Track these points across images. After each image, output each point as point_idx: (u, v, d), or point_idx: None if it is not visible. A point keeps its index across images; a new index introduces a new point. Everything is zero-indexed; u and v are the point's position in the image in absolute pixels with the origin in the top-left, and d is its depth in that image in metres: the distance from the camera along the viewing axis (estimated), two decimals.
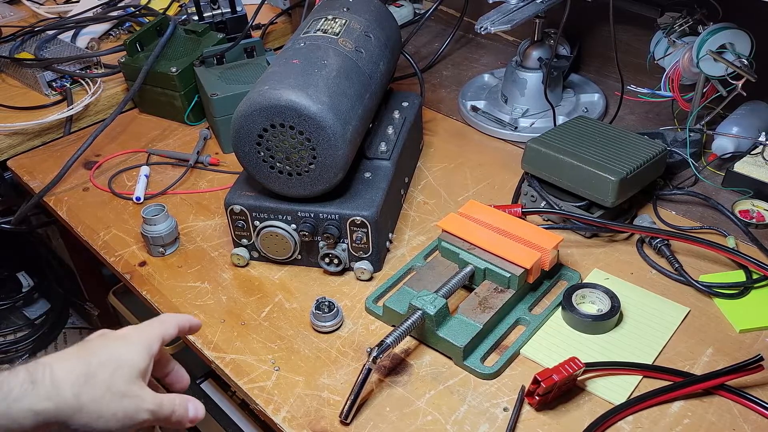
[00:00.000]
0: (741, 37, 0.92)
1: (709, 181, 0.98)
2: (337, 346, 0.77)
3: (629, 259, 0.87)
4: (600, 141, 0.92)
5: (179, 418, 0.54)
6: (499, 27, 0.98)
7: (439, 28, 1.47)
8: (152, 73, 1.15)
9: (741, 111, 1.02)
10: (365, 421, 0.69)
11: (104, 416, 0.49)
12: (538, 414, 0.69)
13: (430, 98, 1.23)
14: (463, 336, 0.73)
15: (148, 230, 0.89)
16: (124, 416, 0.50)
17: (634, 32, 1.16)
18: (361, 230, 0.82)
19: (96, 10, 1.44)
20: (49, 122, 1.15)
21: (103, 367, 0.50)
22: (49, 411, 0.47)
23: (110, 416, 0.50)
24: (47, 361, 0.49)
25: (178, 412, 0.54)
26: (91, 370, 0.50)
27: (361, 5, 0.97)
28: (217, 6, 1.30)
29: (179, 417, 0.54)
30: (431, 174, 1.05)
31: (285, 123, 0.77)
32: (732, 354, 0.74)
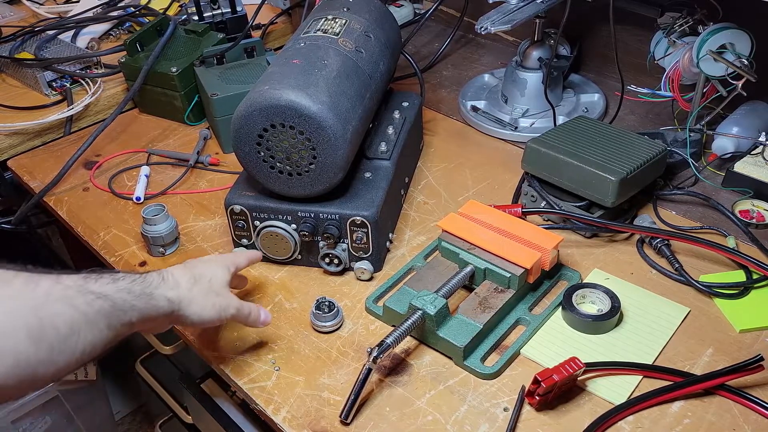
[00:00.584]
0: (741, 37, 0.92)
1: (709, 181, 0.98)
2: (337, 346, 0.77)
3: (629, 259, 0.87)
4: (600, 141, 0.92)
5: (254, 317, 0.73)
6: (499, 27, 0.98)
7: (439, 28, 1.47)
8: (152, 73, 1.15)
9: (741, 111, 1.02)
10: (365, 421, 0.69)
11: (206, 307, 0.67)
12: (539, 414, 0.69)
13: (430, 98, 1.23)
14: (464, 336, 0.73)
15: (148, 230, 0.89)
16: (219, 308, 0.68)
17: (634, 32, 1.16)
18: (361, 230, 0.82)
19: (96, 10, 1.44)
20: (49, 122, 1.15)
21: (203, 276, 0.69)
22: (174, 299, 0.65)
23: (210, 307, 0.67)
24: (167, 269, 0.67)
25: (254, 313, 0.73)
26: (196, 276, 0.68)
27: (361, 5, 0.97)
28: (217, 6, 1.30)
29: (254, 317, 0.73)
30: (431, 174, 1.05)
31: (285, 123, 0.77)
32: (732, 354, 0.74)
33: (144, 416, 1.66)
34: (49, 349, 0.51)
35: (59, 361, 0.52)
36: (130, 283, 0.61)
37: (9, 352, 0.48)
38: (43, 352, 0.50)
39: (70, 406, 1.26)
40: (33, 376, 0.50)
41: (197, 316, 0.67)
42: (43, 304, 0.52)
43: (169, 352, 1.04)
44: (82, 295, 0.55)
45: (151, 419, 1.60)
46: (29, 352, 0.49)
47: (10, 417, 1.17)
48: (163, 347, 1.04)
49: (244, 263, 0.78)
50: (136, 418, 1.66)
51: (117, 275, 0.61)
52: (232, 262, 0.75)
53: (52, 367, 0.51)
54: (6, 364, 0.48)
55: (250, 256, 0.79)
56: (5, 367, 0.48)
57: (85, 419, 1.31)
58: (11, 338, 0.48)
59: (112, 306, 0.57)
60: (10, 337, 0.48)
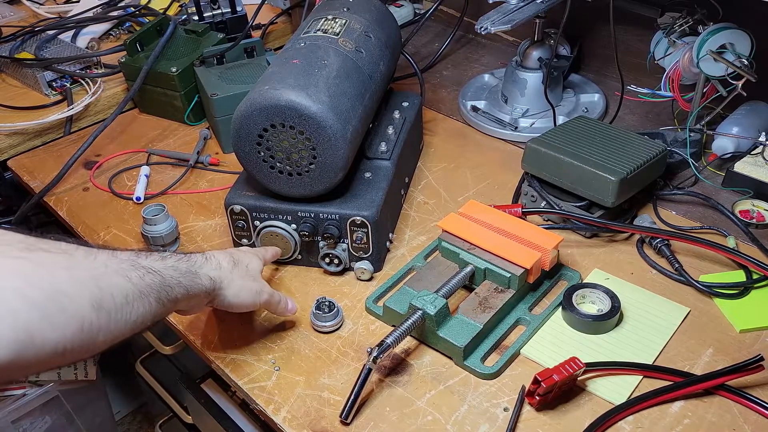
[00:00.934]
0: (741, 37, 0.92)
1: (709, 181, 0.98)
2: (337, 346, 0.77)
3: (629, 259, 0.87)
4: (600, 141, 0.92)
5: (284, 306, 0.77)
6: (499, 27, 0.98)
7: (439, 28, 1.47)
8: (152, 73, 1.15)
9: (741, 111, 1.02)
10: (365, 421, 0.69)
11: (243, 288, 0.72)
12: (539, 414, 0.69)
13: (430, 98, 1.23)
14: (464, 336, 0.73)
15: (148, 230, 0.89)
16: (254, 292, 0.73)
17: (634, 32, 1.16)
18: (361, 230, 0.82)
19: (96, 10, 1.44)
20: (49, 122, 1.15)
21: (241, 261, 0.73)
22: (216, 278, 0.69)
23: (247, 289, 0.72)
24: (210, 252, 0.71)
25: (283, 302, 0.77)
26: (235, 260, 0.73)
27: (361, 5, 0.97)
28: (217, 6, 1.30)
29: (284, 305, 0.77)
30: (431, 174, 1.05)
31: (285, 123, 0.77)
32: (732, 354, 0.74)
33: (144, 416, 1.66)
34: (107, 316, 0.54)
35: (115, 329, 0.56)
36: (177, 261, 0.65)
37: (76, 317, 0.52)
38: (103, 319, 0.54)
39: (70, 406, 1.26)
40: (93, 341, 0.54)
41: (235, 297, 0.71)
42: (102, 274, 0.56)
43: (169, 352, 1.04)
44: (136, 270, 0.59)
45: (151, 419, 1.61)
46: (92, 318, 0.53)
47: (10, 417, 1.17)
48: (163, 347, 1.04)
49: (269, 258, 0.83)
50: (136, 418, 1.66)
51: (164, 254, 0.65)
52: (263, 254, 0.80)
53: (109, 335, 0.55)
54: (73, 327, 0.51)
55: (273, 252, 0.84)
56: (72, 331, 0.51)
57: (85, 419, 1.31)
58: (78, 305, 0.52)
59: (162, 281, 0.61)
60: (77, 303, 0.52)
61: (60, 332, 0.50)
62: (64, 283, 0.52)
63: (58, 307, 0.50)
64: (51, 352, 0.50)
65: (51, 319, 0.49)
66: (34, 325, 0.48)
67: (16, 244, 0.52)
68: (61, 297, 0.51)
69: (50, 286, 0.50)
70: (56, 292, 0.51)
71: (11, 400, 1.16)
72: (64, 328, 0.50)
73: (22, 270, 0.50)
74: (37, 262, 0.52)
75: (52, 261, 0.53)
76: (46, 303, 0.50)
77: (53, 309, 0.50)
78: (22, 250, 0.52)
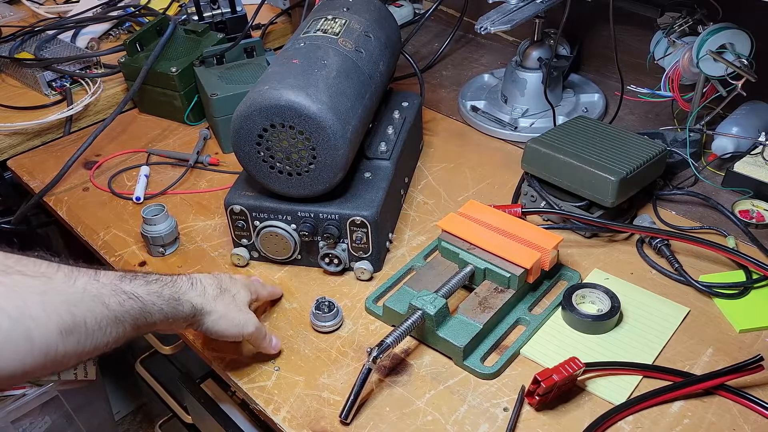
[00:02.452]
0: (741, 37, 0.92)
1: (709, 181, 0.98)
2: (337, 346, 0.77)
3: (629, 259, 0.87)
4: (600, 141, 0.92)
5: (268, 342, 0.75)
6: (499, 27, 0.98)
7: (439, 28, 1.47)
8: (152, 73, 1.15)
9: (741, 111, 1.02)
10: (365, 421, 0.69)
11: (225, 318, 0.69)
12: (538, 414, 0.69)
13: (430, 98, 1.23)
14: (463, 336, 0.73)
15: (148, 230, 0.89)
16: (238, 323, 0.70)
17: (634, 32, 1.16)
18: (361, 230, 0.82)
19: (96, 10, 1.44)
20: (49, 122, 1.15)
21: (228, 291, 0.71)
22: (197, 306, 0.67)
23: (229, 319, 0.69)
24: (196, 276, 0.69)
25: (268, 338, 0.75)
26: (222, 288, 0.70)
27: (361, 5, 0.97)
28: (217, 6, 1.30)
29: (268, 342, 0.75)
30: (431, 174, 1.05)
31: (285, 123, 0.77)
32: (732, 354, 0.74)
33: (144, 416, 1.66)
34: (76, 342, 0.54)
35: (83, 352, 0.55)
36: (161, 287, 0.64)
37: (41, 344, 0.51)
38: (71, 345, 0.54)
39: (70, 406, 1.26)
40: (58, 365, 0.54)
41: (214, 325, 0.69)
42: (79, 300, 0.55)
43: (169, 352, 1.04)
44: (116, 295, 0.58)
45: (151, 419, 1.60)
46: (58, 344, 0.52)
47: (10, 417, 1.17)
48: (163, 347, 1.04)
49: (264, 296, 0.80)
50: (136, 418, 1.66)
51: (150, 278, 0.64)
52: (255, 290, 0.77)
53: (74, 358, 0.55)
54: (36, 354, 0.51)
55: (272, 291, 0.82)
56: (34, 357, 0.51)
57: (85, 419, 1.31)
58: (45, 331, 0.51)
59: (142, 307, 0.61)
60: (45, 330, 0.51)
61: (21, 359, 0.50)
62: (34, 308, 0.51)
63: (24, 335, 0.50)
64: (7, 376, 0.49)
65: (14, 347, 0.49)
66: None
67: None
68: (29, 323, 0.50)
69: (19, 313, 0.50)
70: (25, 318, 0.50)
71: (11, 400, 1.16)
72: (26, 355, 0.50)
73: None
74: (10, 287, 0.51)
75: (26, 285, 0.52)
76: (11, 330, 0.49)
77: (18, 336, 0.49)
78: None
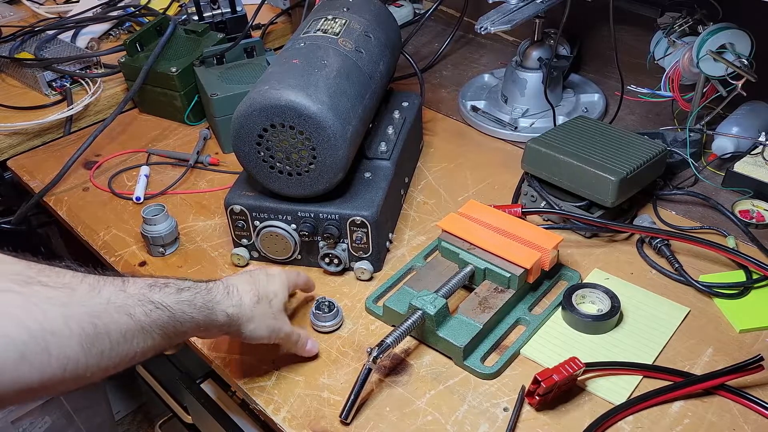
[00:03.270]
0: (741, 37, 0.92)
1: (709, 181, 0.98)
2: (337, 346, 0.77)
3: (629, 259, 0.87)
4: (600, 141, 0.92)
5: (302, 344, 0.74)
6: (499, 27, 0.98)
7: (439, 28, 1.47)
8: (152, 73, 1.15)
9: (741, 111, 1.02)
10: (365, 421, 0.69)
11: (262, 326, 0.68)
12: (539, 414, 0.69)
13: (430, 98, 1.23)
14: (463, 336, 0.73)
15: (148, 230, 0.89)
16: (273, 329, 0.70)
17: (634, 32, 1.16)
18: (361, 230, 0.82)
19: (96, 10, 1.44)
20: (49, 122, 1.15)
21: (265, 294, 0.69)
22: (233, 315, 0.66)
23: (265, 327, 0.69)
24: (233, 282, 0.68)
25: (302, 341, 0.74)
26: (260, 295, 0.69)
27: (361, 5, 0.97)
28: (217, 6, 1.30)
29: (302, 344, 0.74)
30: (431, 174, 1.05)
31: (285, 123, 0.77)
32: (732, 354, 0.74)
33: (144, 416, 1.66)
34: (99, 355, 0.52)
35: (108, 365, 0.53)
36: (194, 295, 0.62)
37: (60, 358, 0.49)
38: (93, 358, 0.52)
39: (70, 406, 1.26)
40: (79, 378, 0.52)
41: (251, 333, 0.68)
42: (102, 312, 0.53)
43: (169, 352, 1.04)
44: (142, 305, 0.56)
45: (151, 419, 1.60)
46: (79, 357, 0.51)
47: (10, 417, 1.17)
48: None
49: (301, 285, 0.80)
50: (136, 418, 1.66)
51: (182, 285, 0.62)
52: (294, 282, 0.77)
53: (99, 371, 0.53)
54: (54, 368, 0.49)
55: (306, 280, 0.81)
56: (53, 368, 0.49)
57: (85, 419, 1.32)
58: (65, 345, 0.50)
59: (170, 317, 0.59)
60: (65, 344, 0.50)
61: (38, 373, 0.48)
62: (55, 322, 0.49)
63: (41, 348, 0.48)
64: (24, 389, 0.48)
65: (30, 360, 0.47)
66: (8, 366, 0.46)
67: (12, 276, 0.50)
68: (48, 337, 0.48)
69: (38, 325, 0.48)
70: (43, 332, 0.48)
71: None
72: (43, 368, 0.48)
73: (10, 306, 0.48)
74: (31, 298, 0.49)
75: (47, 296, 0.50)
76: (28, 343, 0.47)
77: (35, 349, 0.48)
78: (18, 282, 0.49)
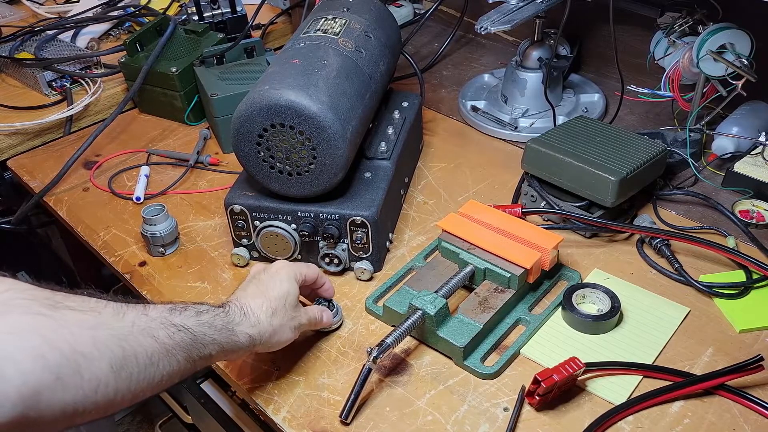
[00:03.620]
0: (741, 37, 0.92)
1: (709, 181, 0.98)
2: (337, 346, 0.77)
3: (629, 259, 0.87)
4: (600, 141, 0.92)
5: (327, 319, 0.76)
6: (499, 27, 0.98)
7: (439, 28, 1.47)
8: (152, 73, 1.15)
9: (741, 111, 1.02)
10: (365, 421, 0.69)
11: (285, 331, 0.69)
12: (539, 414, 0.69)
13: (430, 98, 1.23)
14: (464, 336, 0.73)
15: (148, 230, 0.89)
16: (294, 327, 0.71)
17: (634, 32, 1.16)
18: (361, 230, 0.82)
19: (96, 10, 1.44)
20: (49, 122, 1.15)
21: (278, 300, 0.69)
22: (255, 335, 0.66)
23: (287, 330, 0.70)
24: (244, 301, 0.68)
25: (325, 318, 0.76)
26: (274, 307, 0.69)
27: (361, 5, 0.97)
28: (217, 6, 1.30)
29: (327, 319, 0.76)
30: (431, 174, 1.05)
31: (285, 123, 0.77)
32: (732, 354, 0.74)
33: (144, 416, 1.66)
34: (128, 378, 0.53)
35: (136, 389, 0.54)
36: (213, 317, 0.63)
37: (92, 380, 0.50)
38: (123, 381, 0.53)
39: None
40: (110, 402, 0.52)
41: (278, 342, 0.69)
42: (128, 334, 0.54)
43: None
44: (165, 328, 0.58)
45: (151, 419, 1.60)
46: (109, 380, 0.51)
47: None
48: None
49: (311, 278, 0.77)
50: (136, 418, 1.66)
51: (201, 308, 0.63)
52: (303, 273, 0.75)
53: (129, 395, 0.54)
54: (87, 390, 0.50)
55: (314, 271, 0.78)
56: (85, 393, 0.50)
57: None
58: (95, 367, 0.51)
59: (193, 339, 0.60)
60: (96, 366, 0.51)
61: (72, 394, 0.49)
62: (85, 344, 0.50)
63: (74, 369, 0.49)
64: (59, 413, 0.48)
65: (64, 381, 0.48)
66: (45, 387, 0.47)
67: (42, 300, 0.51)
68: (79, 358, 0.49)
69: (69, 347, 0.49)
70: (75, 353, 0.49)
71: None
72: (77, 391, 0.49)
73: (43, 328, 0.49)
74: (60, 321, 0.50)
75: (76, 320, 0.51)
76: (62, 365, 0.48)
77: (68, 371, 0.48)
78: (47, 306, 0.50)
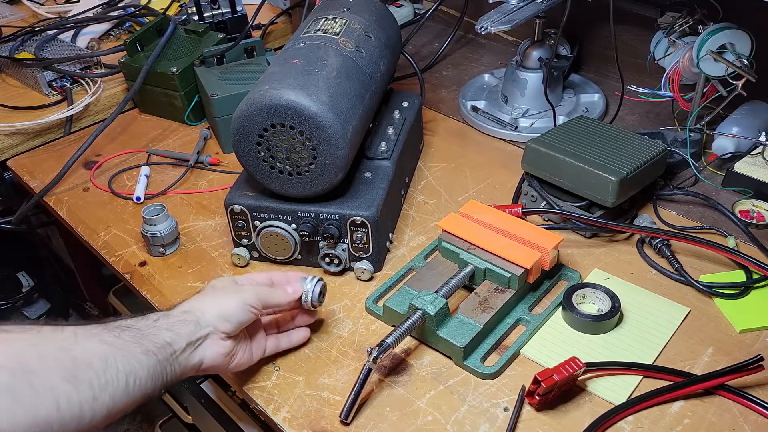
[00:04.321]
0: (741, 37, 0.92)
1: (709, 181, 0.98)
2: (337, 346, 0.77)
3: (629, 259, 0.87)
4: (600, 141, 0.92)
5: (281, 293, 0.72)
6: (500, 27, 0.98)
7: (439, 28, 1.47)
8: (152, 73, 1.15)
9: (741, 111, 1.02)
10: (365, 421, 0.69)
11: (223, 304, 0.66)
12: (539, 414, 0.69)
13: (430, 98, 1.23)
14: (464, 336, 0.73)
15: (148, 230, 0.89)
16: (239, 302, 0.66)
17: (634, 32, 1.16)
18: (361, 230, 0.82)
19: (96, 10, 1.44)
20: (49, 122, 1.15)
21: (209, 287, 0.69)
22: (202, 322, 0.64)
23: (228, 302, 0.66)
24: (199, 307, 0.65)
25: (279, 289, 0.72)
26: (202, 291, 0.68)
27: (361, 5, 0.97)
28: (217, 6, 1.30)
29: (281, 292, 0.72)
30: (431, 174, 1.05)
31: (285, 123, 0.77)
32: (732, 354, 0.74)
33: (144, 416, 1.65)
34: (89, 386, 0.51)
35: (104, 397, 0.52)
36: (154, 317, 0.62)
37: (47, 395, 0.49)
38: (84, 391, 0.51)
39: None
40: (79, 418, 0.50)
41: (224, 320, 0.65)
42: (73, 344, 0.53)
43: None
44: (109, 331, 0.57)
45: (151, 419, 1.60)
46: (68, 392, 0.50)
47: None
48: None
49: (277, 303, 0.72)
50: (136, 418, 1.66)
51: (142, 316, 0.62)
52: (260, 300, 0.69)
53: (98, 405, 0.52)
54: (46, 406, 0.48)
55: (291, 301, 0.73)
56: (46, 410, 0.48)
57: None
58: (47, 381, 0.49)
59: (139, 332, 0.58)
60: (47, 380, 0.49)
61: (32, 414, 0.47)
62: (31, 360, 0.49)
63: (26, 385, 0.48)
64: None
65: (21, 400, 0.47)
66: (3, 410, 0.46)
67: None
68: (29, 375, 0.48)
69: (18, 366, 0.48)
70: (24, 372, 0.48)
71: None
72: (36, 409, 0.48)
73: None
74: (2, 344, 0.50)
75: (18, 339, 0.51)
76: (14, 384, 0.47)
77: (21, 388, 0.47)
78: None
